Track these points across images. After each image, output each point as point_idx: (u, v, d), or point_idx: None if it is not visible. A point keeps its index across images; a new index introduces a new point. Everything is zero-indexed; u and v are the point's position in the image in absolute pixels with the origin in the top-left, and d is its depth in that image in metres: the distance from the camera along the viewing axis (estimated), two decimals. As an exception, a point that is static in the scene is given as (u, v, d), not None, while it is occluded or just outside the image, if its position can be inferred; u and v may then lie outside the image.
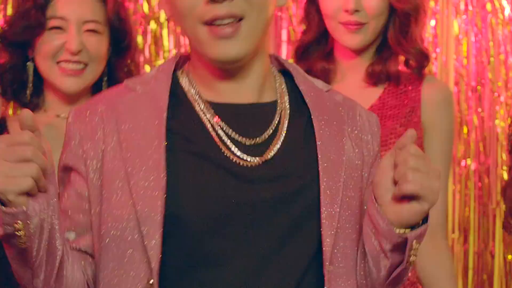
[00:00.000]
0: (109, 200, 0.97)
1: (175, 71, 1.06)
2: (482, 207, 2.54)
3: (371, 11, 1.57)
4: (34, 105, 1.61)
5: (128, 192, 0.96)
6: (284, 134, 1.04)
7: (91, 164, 0.99)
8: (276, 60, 1.12)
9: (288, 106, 1.07)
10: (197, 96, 1.05)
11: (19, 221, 0.83)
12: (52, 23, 1.55)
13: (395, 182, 0.90)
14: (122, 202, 0.97)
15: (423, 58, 1.63)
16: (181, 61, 1.09)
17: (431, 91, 1.66)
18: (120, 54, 1.65)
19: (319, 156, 1.01)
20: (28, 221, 0.83)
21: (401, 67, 1.70)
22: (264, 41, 1.08)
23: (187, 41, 1.89)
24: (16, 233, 0.84)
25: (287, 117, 1.06)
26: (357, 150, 1.07)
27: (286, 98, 1.08)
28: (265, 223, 0.99)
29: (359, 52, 1.62)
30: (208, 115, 1.02)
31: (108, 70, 1.63)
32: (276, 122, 1.05)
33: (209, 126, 1.01)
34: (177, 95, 1.04)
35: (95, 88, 1.59)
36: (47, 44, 1.55)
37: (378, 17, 1.59)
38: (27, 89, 1.60)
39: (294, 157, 1.03)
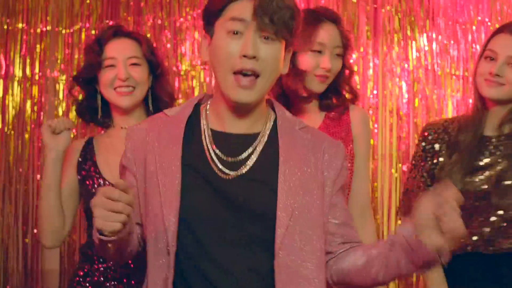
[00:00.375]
0: (147, 195, 1.44)
1: (199, 104, 1.51)
2: None
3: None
4: (106, 124, 2.17)
5: (158, 194, 1.41)
6: (256, 157, 1.46)
7: (137, 165, 1.46)
8: (270, 101, 1.55)
9: (266, 137, 1.48)
10: (206, 126, 1.49)
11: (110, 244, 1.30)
12: (106, 62, 2.08)
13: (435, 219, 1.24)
14: (154, 192, 1.43)
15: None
16: (205, 98, 1.53)
17: (355, 114, 2.20)
18: (157, 78, 2.17)
19: (279, 172, 1.42)
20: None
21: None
22: (268, 92, 1.51)
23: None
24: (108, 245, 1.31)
25: (262, 145, 1.47)
26: (319, 172, 1.46)
27: (268, 131, 1.50)
28: (235, 217, 1.40)
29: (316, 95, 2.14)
30: (208, 142, 1.46)
31: (151, 90, 2.15)
32: (253, 148, 1.47)
33: (206, 149, 1.45)
34: (193, 123, 1.48)
35: (145, 102, 2.14)
36: (106, 77, 2.08)
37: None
38: (98, 113, 2.15)
39: (260, 172, 1.44)
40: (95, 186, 2.15)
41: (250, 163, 1.46)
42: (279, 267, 1.39)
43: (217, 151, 1.47)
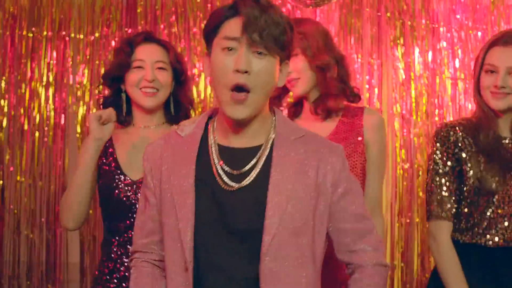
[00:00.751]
0: (163, 206, 1.52)
1: (210, 118, 1.58)
2: None
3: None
4: (128, 122, 2.23)
5: (174, 212, 1.48)
6: (259, 169, 1.50)
7: (154, 177, 1.55)
8: (273, 110, 1.58)
9: (268, 150, 1.52)
10: (213, 141, 1.55)
11: None
12: (135, 64, 2.15)
13: None
14: (169, 210, 1.50)
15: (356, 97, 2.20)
16: (215, 112, 1.58)
17: (369, 118, 2.17)
18: (179, 84, 2.24)
19: (269, 184, 1.46)
20: None
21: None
22: (265, 105, 1.53)
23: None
24: None
25: (264, 157, 1.51)
26: (314, 180, 1.48)
27: (270, 143, 1.53)
28: (236, 228, 1.47)
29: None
30: (215, 157, 1.53)
31: (173, 94, 2.23)
32: (256, 160, 1.52)
33: (213, 164, 1.51)
34: (204, 140, 1.55)
35: (166, 105, 2.21)
36: (133, 77, 2.15)
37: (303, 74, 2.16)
38: (122, 111, 2.20)
39: (259, 183, 1.49)
40: (116, 181, 2.19)
41: (253, 174, 1.50)
42: (263, 273, 1.44)
43: (224, 166, 1.52)
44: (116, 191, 2.14)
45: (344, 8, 3.51)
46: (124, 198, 2.15)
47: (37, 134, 3.64)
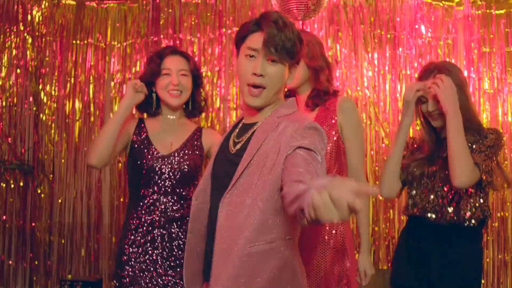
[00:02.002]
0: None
1: None
2: None
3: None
4: (157, 113, 2.48)
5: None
6: (246, 138, 1.78)
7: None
8: (288, 99, 1.83)
9: (258, 126, 1.77)
10: (239, 120, 1.89)
11: None
12: (164, 71, 2.40)
13: None
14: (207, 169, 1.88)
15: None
16: None
17: (341, 104, 2.37)
18: (197, 87, 2.50)
19: (247, 149, 1.72)
20: None
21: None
22: (278, 96, 1.79)
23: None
24: None
25: (253, 130, 1.78)
26: (279, 143, 1.67)
27: (261, 122, 1.77)
28: (219, 168, 1.82)
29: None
30: (234, 132, 1.85)
31: (192, 95, 2.48)
32: (252, 133, 1.78)
33: (232, 135, 1.85)
34: (238, 120, 1.91)
35: (186, 104, 2.49)
36: (163, 82, 2.39)
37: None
38: (153, 106, 2.46)
39: (242, 149, 1.76)
40: (150, 153, 2.34)
41: (242, 142, 1.80)
42: (222, 205, 1.72)
43: (235, 136, 1.84)
44: (149, 162, 2.34)
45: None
46: (157, 168, 2.34)
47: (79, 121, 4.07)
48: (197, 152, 2.42)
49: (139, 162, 2.34)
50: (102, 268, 4.04)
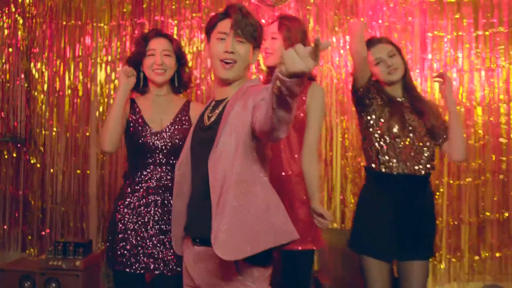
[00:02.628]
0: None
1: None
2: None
3: None
4: (145, 91, 2.66)
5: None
6: (219, 111, 2.02)
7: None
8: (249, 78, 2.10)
9: (229, 99, 2.03)
10: (211, 101, 2.13)
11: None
12: (149, 52, 2.58)
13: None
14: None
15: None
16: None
17: (311, 89, 2.60)
18: (181, 66, 2.69)
19: (223, 116, 1.97)
20: None
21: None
22: (245, 73, 2.07)
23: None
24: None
25: (223, 105, 2.03)
26: (246, 104, 1.91)
27: (231, 95, 2.04)
28: (205, 146, 1.99)
29: None
30: (207, 110, 2.10)
31: (176, 72, 2.67)
32: (223, 107, 2.03)
33: (205, 114, 2.11)
34: (210, 102, 2.15)
35: (171, 80, 2.65)
36: (148, 62, 2.58)
37: None
38: (141, 85, 2.63)
39: (217, 121, 2.00)
40: (144, 130, 2.51)
41: (214, 116, 2.08)
42: (210, 163, 1.96)
43: (208, 112, 2.10)
44: (144, 138, 2.51)
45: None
46: (151, 143, 2.51)
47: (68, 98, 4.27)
48: (186, 125, 2.61)
49: (135, 139, 2.52)
50: (91, 232, 4.29)
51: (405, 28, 4.16)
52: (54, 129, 4.31)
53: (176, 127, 2.59)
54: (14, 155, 4.32)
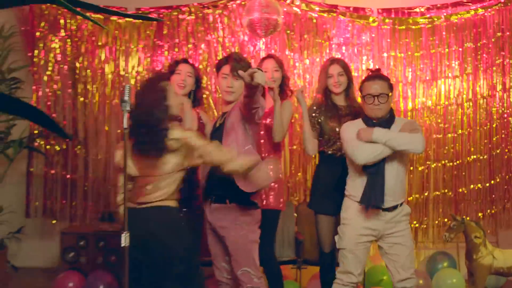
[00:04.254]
0: None
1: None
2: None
3: None
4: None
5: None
6: (223, 119, 3.16)
7: None
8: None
9: (229, 110, 3.16)
10: (222, 110, 3.36)
11: None
12: (176, 71, 3.51)
13: None
14: None
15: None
16: None
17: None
18: (198, 86, 3.61)
19: (225, 122, 3.09)
20: None
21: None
22: (239, 96, 3.09)
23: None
24: None
25: (227, 114, 3.14)
26: (237, 116, 2.99)
27: (232, 106, 3.18)
28: (219, 136, 3.11)
29: None
30: (219, 117, 3.30)
31: (194, 90, 3.58)
32: (226, 115, 3.16)
33: (218, 121, 3.28)
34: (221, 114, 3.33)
35: (189, 96, 3.57)
36: (174, 78, 3.47)
37: None
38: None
39: (223, 125, 3.11)
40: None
41: (221, 122, 3.14)
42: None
43: (219, 118, 3.20)
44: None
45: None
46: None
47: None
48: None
49: None
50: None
51: (366, 49, 5.30)
52: (90, 128, 5.30)
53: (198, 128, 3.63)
54: (64, 147, 5.26)
